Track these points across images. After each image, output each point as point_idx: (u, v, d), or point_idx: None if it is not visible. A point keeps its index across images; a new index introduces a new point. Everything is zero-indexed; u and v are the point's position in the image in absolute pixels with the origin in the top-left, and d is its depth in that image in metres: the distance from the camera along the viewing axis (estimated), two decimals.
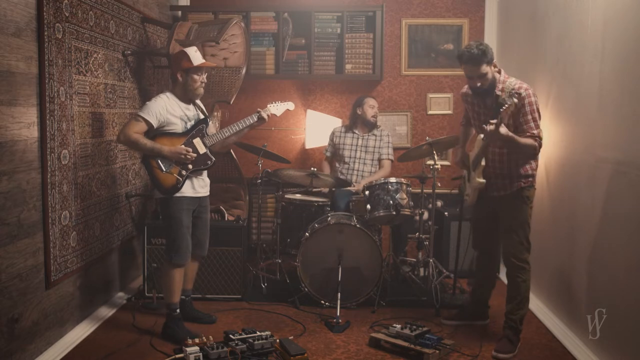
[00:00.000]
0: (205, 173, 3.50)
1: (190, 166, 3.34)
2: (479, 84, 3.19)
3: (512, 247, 3.26)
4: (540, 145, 3.17)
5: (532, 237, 4.03)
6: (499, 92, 3.19)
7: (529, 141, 3.12)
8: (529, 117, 3.13)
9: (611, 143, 2.95)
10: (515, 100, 2.97)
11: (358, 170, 4.62)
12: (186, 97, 3.41)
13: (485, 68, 3.16)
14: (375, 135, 4.65)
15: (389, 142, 4.66)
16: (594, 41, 3.14)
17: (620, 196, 2.84)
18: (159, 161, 3.31)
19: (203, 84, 3.41)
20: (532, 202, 3.31)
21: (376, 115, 4.66)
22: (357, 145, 4.64)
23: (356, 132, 4.68)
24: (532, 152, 3.18)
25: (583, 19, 3.28)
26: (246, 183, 4.77)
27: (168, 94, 3.40)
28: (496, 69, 3.23)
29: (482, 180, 3.29)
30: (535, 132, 3.13)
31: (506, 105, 2.96)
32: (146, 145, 3.27)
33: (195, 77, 3.35)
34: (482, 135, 3.20)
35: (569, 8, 3.50)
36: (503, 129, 3.02)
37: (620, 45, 2.87)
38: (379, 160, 4.65)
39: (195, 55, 3.36)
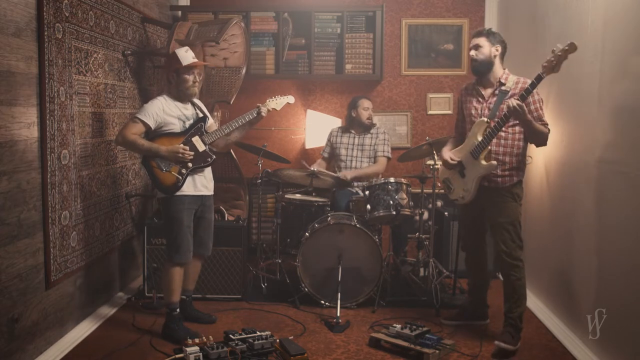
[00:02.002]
0: (208, 172, 3.49)
1: (190, 164, 3.34)
2: (472, 53, 3.32)
3: (504, 245, 3.25)
4: (549, 133, 3.23)
5: (532, 236, 4.05)
6: (503, 80, 3.28)
7: (543, 128, 3.20)
8: (538, 105, 3.20)
9: (611, 143, 2.95)
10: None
11: (355, 169, 4.61)
12: (181, 97, 3.42)
13: (484, 42, 3.29)
14: (372, 134, 4.64)
15: (385, 140, 4.63)
16: (594, 41, 3.14)
17: (620, 196, 2.84)
18: (158, 161, 3.32)
19: (196, 84, 3.41)
20: (522, 200, 3.33)
21: (371, 117, 4.64)
22: (353, 144, 4.64)
23: (352, 132, 4.67)
24: (544, 139, 3.23)
25: (583, 19, 3.29)
26: (246, 183, 4.77)
27: (165, 95, 3.42)
28: (498, 53, 3.29)
29: (492, 162, 3.23)
30: (545, 120, 3.22)
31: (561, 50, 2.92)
32: (143, 145, 3.28)
33: (186, 77, 3.35)
34: (485, 119, 3.23)
35: (569, 8, 3.50)
36: (514, 101, 3.07)
37: (620, 45, 2.87)
38: (375, 157, 4.64)
39: (184, 56, 3.36)
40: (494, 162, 3.23)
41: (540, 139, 3.24)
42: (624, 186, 2.80)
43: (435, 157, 3.98)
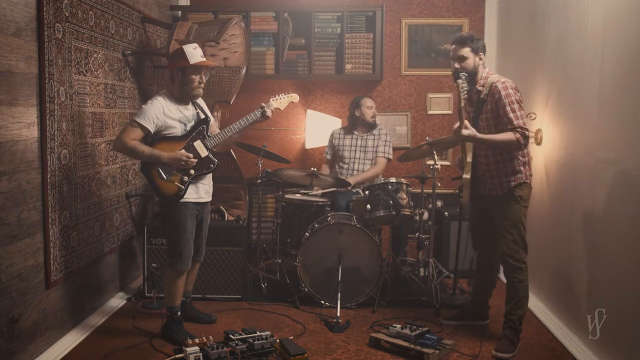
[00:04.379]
0: (209, 177, 3.39)
1: (192, 172, 3.22)
2: (457, 66, 3.25)
3: (507, 247, 3.25)
4: (524, 137, 3.10)
5: (532, 237, 4.04)
6: (480, 88, 3.24)
7: (508, 136, 3.09)
8: (508, 108, 3.11)
9: (611, 143, 2.95)
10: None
11: (358, 171, 4.61)
12: (183, 97, 3.26)
13: (468, 53, 3.24)
14: (374, 135, 4.64)
15: (386, 141, 4.63)
16: (594, 41, 3.14)
17: (620, 196, 2.84)
18: (159, 169, 3.19)
19: (202, 85, 3.24)
20: (526, 202, 3.28)
21: (375, 116, 4.64)
22: (356, 146, 4.64)
23: (355, 133, 4.67)
24: (515, 146, 3.13)
25: (583, 19, 3.29)
26: (246, 183, 4.77)
27: (165, 94, 3.24)
28: (481, 62, 3.27)
29: (466, 176, 3.28)
30: (515, 123, 3.10)
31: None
32: (144, 152, 3.14)
33: (193, 76, 3.18)
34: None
35: (569, 8, 3.50)
36: (466, 131, 3.08)
37: (620, 45, 2.87)
38: (375, 158, 4.64)
39: (193, 53, 3.16)
40: (467, 177, 3.28)
41: (509, 148, 3.15)
42: (624, 186, 2.80)
43: (435, 157, 3.98)
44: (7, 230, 2.68)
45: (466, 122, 3.11)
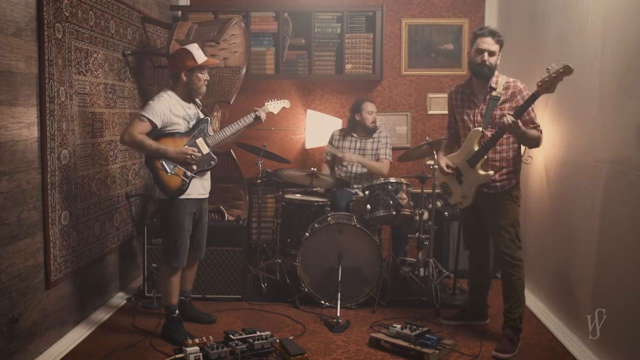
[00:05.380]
0: (208, 175, 3.45)
1: (194, 167, 3.30)
2: (486, 58, 3.18)
3: (505, 245, 3.26)
4: (541, 134, 3.22)
5: (532, 237, 4.05)
6: (494, 85, 3.23)
7: (535, 132, 3.19)
8: (529, 109, 3.15)
9: (611, 143, 2.95)
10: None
11: (356, 173, 4.60)
12: (188, 96, 3.35)
13: (498, 49, 3.23)
14: (374, 138, 4.62)
15: (387, 144, 4.61)
16: (593, 41, 3.14)
17: (620, 196, 2.84)
18: (164, 163, 3.24)
19: (206, 82, 3.36)
20: (519, 201, 3.34)
21: (375, 121, 4.62)
22: (355, 149, 4.62)
23: (354, 135, 4.66)
24: (537, 142, 3.22)
25: (583, 19, 3.29)
26: (246, 183, 4.77)
27: (169, 92, 3.31)
28: (498, 60, 3.27)
29: (489, 172, 3.23)
30: (536, 122, 3.21)
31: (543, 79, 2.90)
32: (151, 146, 3.20)
33: (200, 75, 3.30)
34: (480, 129, 3.22)
35: (569, 8, 3.50)
36: (519, 122, 3.07)
37: (620, 45, 2.87)
38: (377, 160, 4.63)
39: (198, 54, 3.29)
40: (491, 172, 3.24)
41: (534, 143, 3.24)
42: (623, 186, 2.80)
43: (435, 157, 3.97)
44: (7, 230, 2.68)
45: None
